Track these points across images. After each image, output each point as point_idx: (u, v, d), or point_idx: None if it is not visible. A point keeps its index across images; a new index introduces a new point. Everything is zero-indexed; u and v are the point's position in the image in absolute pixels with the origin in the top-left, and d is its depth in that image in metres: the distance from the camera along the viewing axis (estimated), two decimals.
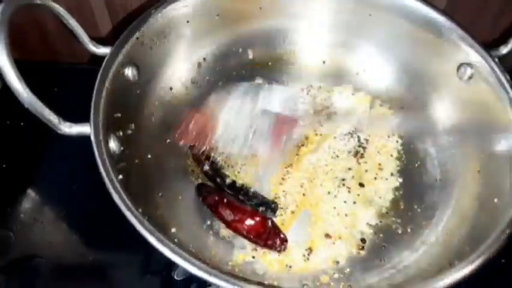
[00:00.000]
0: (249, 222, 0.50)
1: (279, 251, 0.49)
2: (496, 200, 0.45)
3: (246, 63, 0.66)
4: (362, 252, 0.51)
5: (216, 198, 0.52)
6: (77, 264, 0.52)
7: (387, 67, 0.65)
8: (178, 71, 0.61)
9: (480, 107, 0.53)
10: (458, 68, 0.56)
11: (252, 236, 0.50)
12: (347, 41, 0.66)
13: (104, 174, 0.40)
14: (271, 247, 0.49)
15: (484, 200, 0.48)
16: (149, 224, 0.39)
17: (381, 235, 0.52)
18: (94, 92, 0.45)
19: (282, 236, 0.50)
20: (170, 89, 0.60)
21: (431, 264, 0.46)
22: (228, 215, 0.51)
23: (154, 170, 0.54)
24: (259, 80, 0.66)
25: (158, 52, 0.56)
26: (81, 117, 0.44)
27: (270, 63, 0.67)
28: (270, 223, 0.50)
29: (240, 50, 0.66)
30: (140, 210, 0.43)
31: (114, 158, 0.44)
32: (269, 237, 0.49)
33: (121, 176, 0.42)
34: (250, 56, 0.66)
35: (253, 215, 0.51)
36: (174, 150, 0.57)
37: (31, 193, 0.57)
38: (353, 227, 0.53)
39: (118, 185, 0.40)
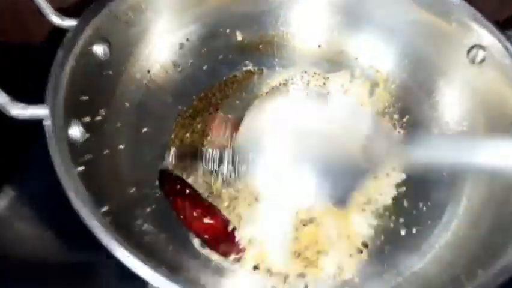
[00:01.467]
0: (208, 221, 0.44)
1: (231, 261, 0.43)
2: None
3: (234, 46, 0.60)
4: (362, 257, 0.45)
5: (178, 187, 0.46)
6: (54, 265, 0.47)
7: (389, 51, 0.59)
8: (157, 52, 0.54)
9: (493, 93, 0.48)
10: (469, 50, 0.51)
11: (206, 237, 0.44)
12: (345, 22, 0.60)
13: (58, 164, 0.33)
14: (224, 254, 0.43)
15: (501, 197, 0.42)
16: (110, 223, 0.32)
17: (382, 237, 0.47)
18: (53, 68, 0.38)
19: (239, 246, 0.44)
20: (148, 71, 0.54)
21: (441, 271, 0.40)
22: (186, 208, 0.45)
23: (127, 162, 0.47)
24: (248, 66, 0.59)
25: (134, 29, 0.50)
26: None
27: (260, 46, 0.61)
28: (230, 228, 0.45)
29: (228, 30, 0.60)
30: (106, 207, 0.37)
31: (76, 147, 0.38)
32: (225, 243, 0.44)
33: (81, 168, 0.35)
34: (239, 38, 0.60)
35: (213, 213, 0.45)
36: (152, 141, 0.51)
37: (7, 190, 0.51)
38: (350, 228, 0.47)
39: (75, 177, 0.34)
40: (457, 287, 0.33)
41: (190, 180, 0.48)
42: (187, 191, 0.47)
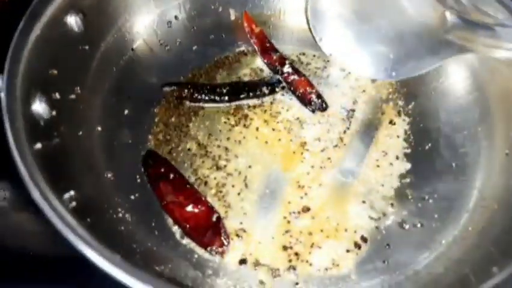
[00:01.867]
0: (190, 209, 0.40)
1: (213, 254, 0.39)
2: None
3: (227, 25, 0.56)
4: (360, 253, 0.41)
5: (162, 170, 0.43)
6: (49, 258, 0.43)
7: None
8: (142, 28, 0.51)
9: (508, 75, 0.43)
10: None
11: (188, 226, 0.40)
12: None
13: (11, 140, 0.29)
14: (206, 246, 0.39)
15: None
16: (74, 209, 0.28)
17: (383, 231, 0.42)
18: (15, 37, 0.34)
19: (223, 238, 0.40)
20: (132, 49, 0.50)
21: (447, 269, 0.36)
22: (169, 193, 0.41)
23: (104, 146, 0.43)
24: (241, 46, 0.55)
25: (114, 0, 0.46)
26: None
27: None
28: (215, 218, 0.40)
29: (220, 8, 0.56)
30: (72, 192, 0.33)
31: (37, 123, 0.34)
32: (208, 234, 0.40)
33: (39, 145, 0.31)
34: (232, 17, 0.56)
35: (198, 202, 0.41)
36: (133, 124, 0.47)
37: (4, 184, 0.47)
38: (348, 221, 0.42)
39: (29, 155, 0.29)
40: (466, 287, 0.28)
41: (174, 163, 0.44)
42: (171, 175, 0.43)
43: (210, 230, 0.40)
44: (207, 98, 0.49)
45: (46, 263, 0.42)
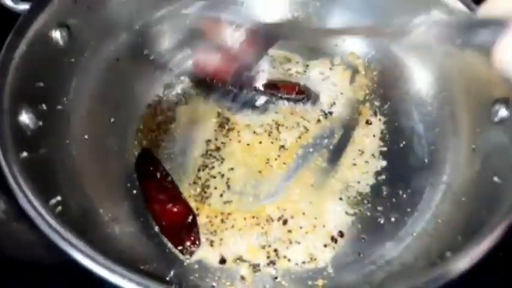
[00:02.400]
0: (169, 207, 0.43)
1: (183, 253, 0.41)
2: (495, 178, 0.37)
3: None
4: (337, 247, 0.43)
5: (151, 168, 0.45)
6: (51, 267, 0.44)
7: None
8: (125, 40, 0.52)
9: (474, 74, 0.45)
10: None
11: (163, 224, 0.42)
12: (321, 7, 0.57)
13: None
14: (176, 245, 0.42)
15: (480, 181, 0.40)
16: (55, 216, 0.30)
17: (359, 226, 0.44)
18: (2, 52, 0.36)
19: (193, 237, 0.42)
20: (117, 60, 0.52)
21: (417, 258, 0.38)
22: (152, 191, 0.43)
23: (91, 153, 0.45)
24: None
25: (98, 14, 0.48)
26: None
27: None
28: (190, 219, 0.43)
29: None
30: (58, 198, 0.35)
31: (24, 133, 0.36)
32: (181, 233, 0.42)
33: (25, 154, 0.33)
34: None
35: (178, 202, 0.43)
36: (119, 132, 0.49)
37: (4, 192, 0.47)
38: (325, 217, 0.44)
39: (17, 163, 0.31)
40: (434, 270, 0.30)
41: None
42: (158, 174, 0.45)
43: (183, 229, 0.42)
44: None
45: (43, 272, 0.44)
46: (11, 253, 0.44)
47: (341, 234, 0.44)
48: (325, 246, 0.43)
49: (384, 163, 0.49)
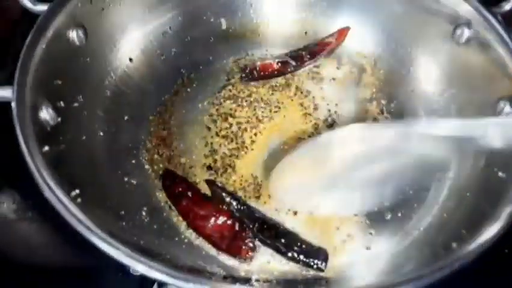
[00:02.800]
0: (213, 221, 0.43)
1: (244, 259, 0.42)
2: (500, 173, 0.38)
3: (219, 35, 0.59)
4: (346, 240, 0.44)
5: (180, 189, 0.45)
6: (56, 268, 0.46)
7: (375, 36, 0.58)
8: (138, 40, 0.54)
9: (480, 72, 0.47)
10: (454, 30, 0.49)
11: (214, 239, 0.43)
12: (328, 6, 0.59)
13: (21, 143, 0.33)
14: (235, 254, 0.42)
15: (485, 176, 0.41)
16: (76, 206, 0.31)
17: (367, 221, 0.45)
18: (23, 51, 0.38)
19: (250, 243, 0.42)
20: (130, 60, 0.53)
21: (423, 251, 0.39)
22: (191, 210, 0.44)
23: (106, 148, 0.47)
24: (234, 55, 0.58)
25: (112, 15, 0.49)
26: None
27: (246, 34, 0.60)
28: (237, 226, 0.43)
29: (212, 19, 0.59)
30: (77, 191, 0.36)
31: (45, 129, 0.37)
32: (234, 241, 0.42)
33: (47, 148, 0.35)
34: (223, 27, 0.59)
35: (219, 213, 0.44)
36: (132, 128, 0.50)
37: (10, 192, 0.50)
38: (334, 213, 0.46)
39: (39, 157, 0.33)
40: (437, 261, 0.31)
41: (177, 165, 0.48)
42: (189, 193, 0.45)
43: (235, 238, 0.42)
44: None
45: (52, 273, 0.45)
46: (17, 254, 0.46)
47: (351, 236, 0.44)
48: (333, 242, 0.44)
49: None
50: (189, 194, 0.45)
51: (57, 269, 0.45)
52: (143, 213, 0.44)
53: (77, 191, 0.37)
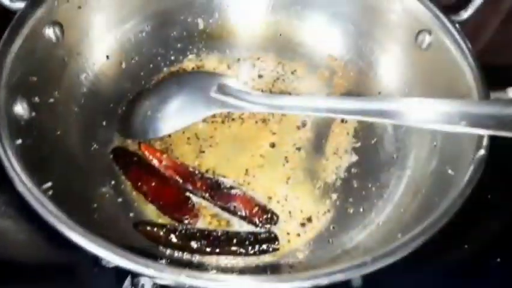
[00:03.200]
0: (162, 188, 0.46)
1: (188, 223, 0.45)
2: (450, 171, 0.41)
3: (195, 35, 0.61)
4: (309, 233, 0.46)
5: (134, 158, 0.49)
6: (36, 265, 0.47)
7: (345, 38, 0.60)
8: (115, 38, 0.55)
9: (440, 76, 0.49)
10: (417, 36, 0.52)
11: (161, 203, 0.46)
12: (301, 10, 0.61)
13: None
14: (179, 219, 0.45)
15: (438, 173, 0.44)
16: (48, 198, 0.33)
17: (330, 215, 0.48)
18: None
19: (195, 210, 0.45)
20: (107, 57, 0.55)
21: (379, 242, 0.42)
22: (142, 176, 0.47)
23: (80, 143, 0.48)
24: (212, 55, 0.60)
25: (89, 12, 0.51)
26: None
27: (223, 35, 0.62)
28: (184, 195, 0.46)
29: (189, 18, 0.60)
30: (50, 184, 0.38)
31: (19, 123, 0.39)
32: (180, 208, 0.45)
33: (20, 141, 0.36)
34: (201, 26, 0.61)
35: (169, 183, 0.47)
36: (106, 123, 0.52)
37: None
38: (299, 206, 0.48)
39: (11, 149, 0.34)
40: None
41: None
42: (142, 162, 0.49)
43: (181, 205, 0.46)
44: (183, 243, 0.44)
45: (27, 269, 0.45)
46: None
47: (311, 221, 0.47)
48: (298, 234, 0.46)
49: (356, 158, 0.53)
50: (141, 163, 0.48)
51: (32, 265, 0.46)
52: (116, 206, 0.46)
53: (50, 184, 0.38)
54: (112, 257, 0.31)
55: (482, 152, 0.39)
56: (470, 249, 0.51)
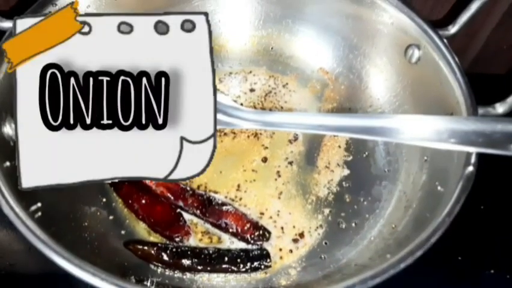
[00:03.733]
0: (153, 206, 0.46)
1: (178, 241, 0.44)
2: (439, 187, 0.41)
3: None
4: (301, 249, 0.46)
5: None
6: (25, 275, 0.47)
7: (336, 51, 0.60)
8: None
9: (430, 90, 0.50)
10: (406, 50, 0.52)
11: (152, 220, 0.45)
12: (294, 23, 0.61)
13: None
14: (170, 238, 0.45)
15: (428, 189, 0.44)
16: (29, 216, 0.33)
17: (322, 231, 0.48)
18: None
19: (186, 228, 0.45)
20: None
21: (372, 258, 0.42)
22: (133, 194, 0.47)
23: None
24: None
25: None
26: None
27: (215, 48, 0.62)
28: (175, 213, 0.46)
29: None
30: (39, 204, 0.38)
31: (7, 144, 0.38)
32: (171, 226, 0.45)
33: (8, 164, 0.36)
34: None
35: (160, 201, 0.47)
36: None
37: None
38: (292, 222, 0.48)
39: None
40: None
41: None
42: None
43: (173, 223, 0.45)
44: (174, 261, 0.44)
45: (30, 280, 0.46)
46: None
47: (303, 236, 0.47)
48: (290, 250, 0.46)
49: (347, 172, 0.53)
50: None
51: (32, 274, 0.46)
52: (107, 224, 0.45)
53: (39, 205, 0.38)
54: (99, 283, 0.31)
55: (470, 168, 0.39)
56: (464, 260, 0.51)
